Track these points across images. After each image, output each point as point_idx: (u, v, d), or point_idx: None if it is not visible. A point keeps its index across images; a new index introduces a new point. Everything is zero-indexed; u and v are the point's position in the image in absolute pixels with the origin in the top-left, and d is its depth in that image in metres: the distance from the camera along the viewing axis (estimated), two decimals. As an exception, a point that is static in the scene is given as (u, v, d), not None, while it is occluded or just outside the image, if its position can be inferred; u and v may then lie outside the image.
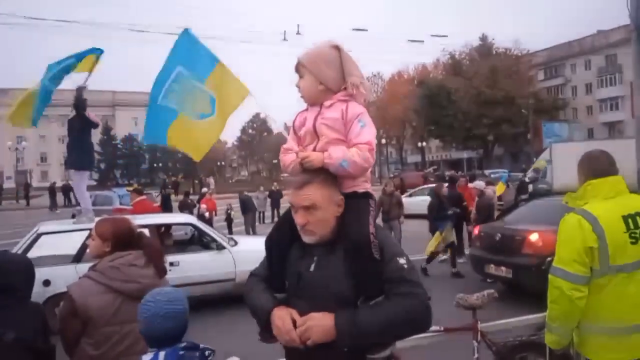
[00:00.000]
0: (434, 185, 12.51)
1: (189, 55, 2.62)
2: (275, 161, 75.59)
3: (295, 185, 1.77)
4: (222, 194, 32.08)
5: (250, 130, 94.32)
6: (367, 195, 1.86)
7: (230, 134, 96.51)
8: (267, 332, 1.81)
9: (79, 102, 7.35)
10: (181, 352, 1.83)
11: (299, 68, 1.92)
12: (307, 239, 1.77)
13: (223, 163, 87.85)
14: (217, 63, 2.59)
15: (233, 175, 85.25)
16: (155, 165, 69.01)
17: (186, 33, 2.70)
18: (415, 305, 1.67)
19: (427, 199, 18.26)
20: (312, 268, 1.76)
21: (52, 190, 35.06)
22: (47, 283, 6.31)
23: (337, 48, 1.88)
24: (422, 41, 31.62)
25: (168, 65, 2.65)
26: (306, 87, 1.90)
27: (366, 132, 1.81)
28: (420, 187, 22.70)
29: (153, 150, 70.14)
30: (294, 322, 1.69)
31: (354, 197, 1.82)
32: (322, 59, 1.87)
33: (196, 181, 49.91)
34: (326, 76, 1.86)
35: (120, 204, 16.72)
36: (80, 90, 7.31)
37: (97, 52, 6.61)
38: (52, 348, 2.50)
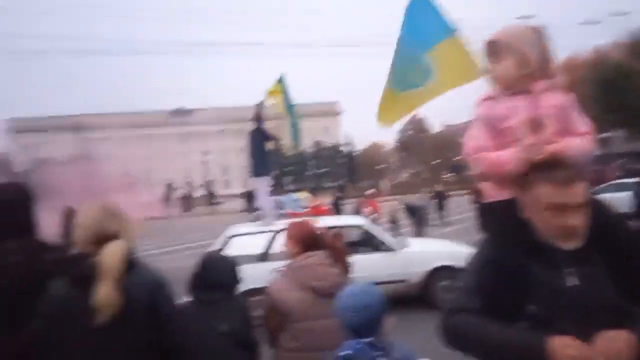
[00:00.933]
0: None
1: (417, 20, 2.44)
2: (434, 162, 73.80)
3: (565, 181, 1.50)
4: (383, 197, 32.26)
5: (408, 132, 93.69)
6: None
7: (388, 137, 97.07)
8: None
9: (259, 117, 8.13)
10: (358, 346, 1.79)
11: (495, 49, 1.73)
12: (572, 244, 1.52)
13: (384, 166, 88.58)
14: (451, 34, 2.38)
15: (393, 177, 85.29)
16: (318, 171, 72.73)
17: None
18: None
19: (618, 196, 16.17)
20: (573, 281, 1.51)
21: (248, 196, 38.90)
22: (239, 280, 6.97)
23: (537, 31, 1.72)
24: (599, 22, 28.33)
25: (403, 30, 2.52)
26: (508, 70, 1.69)
27: (585, 121, 1.66)
28: (607, 184, 20.18)
29: (317, 157, 74.00)
30: None
31: None
32: (527, 41, 1.69)
33: (355, 184, 51.19)
34: (532, 60, 1.68)
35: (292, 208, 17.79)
36: (259, 106, 8.15)
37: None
38: (257, 340, 2.74)
